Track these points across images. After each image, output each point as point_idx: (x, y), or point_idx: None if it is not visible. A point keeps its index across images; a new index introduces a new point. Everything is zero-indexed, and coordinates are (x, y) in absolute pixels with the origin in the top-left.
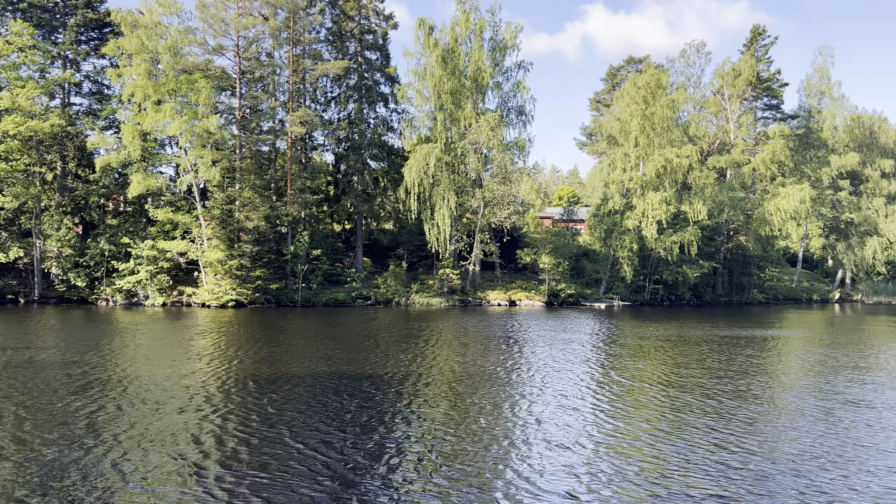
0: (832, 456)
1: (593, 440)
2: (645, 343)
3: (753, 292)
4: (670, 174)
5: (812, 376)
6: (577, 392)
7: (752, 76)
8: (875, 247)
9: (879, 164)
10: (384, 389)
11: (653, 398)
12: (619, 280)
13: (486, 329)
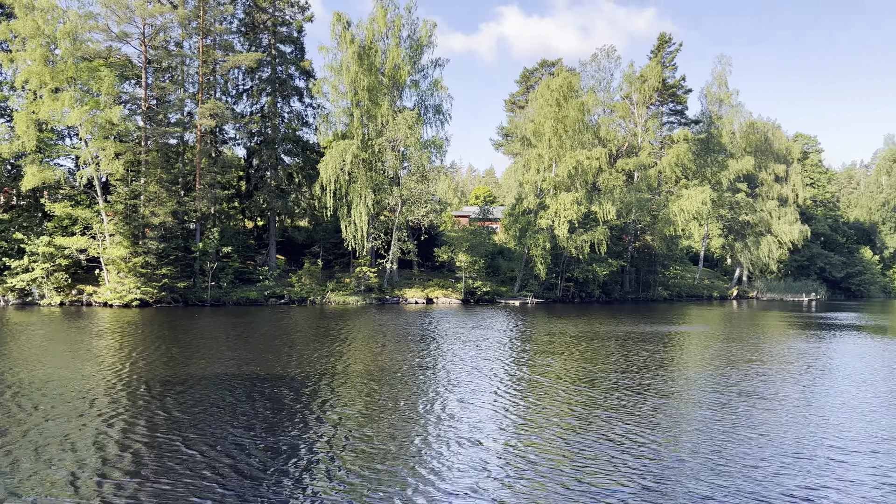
0: (728, 446)
1: (501, 436)
2: (555, 339)
3: (659, 289)
4: (581, 175)
5: (710, 370)
6: (486, 389)
7: (658, 82)
8: (769, 246)
9: (773, 168)
10: (296, 390)
11: (560, 393)
12: (533, 278)
13: (402, 327)
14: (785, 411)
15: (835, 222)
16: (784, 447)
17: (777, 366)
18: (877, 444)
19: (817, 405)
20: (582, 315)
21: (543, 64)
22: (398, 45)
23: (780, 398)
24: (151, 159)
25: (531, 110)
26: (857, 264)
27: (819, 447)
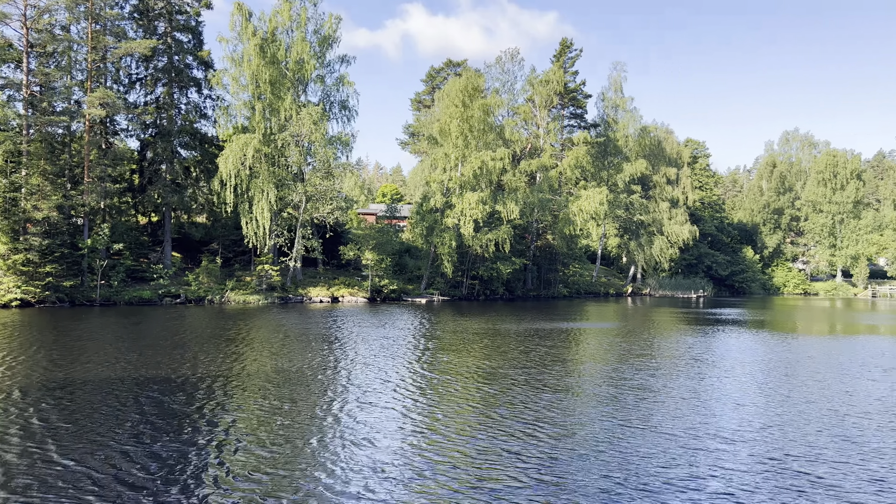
0: (620, 439)
1: (398, 436)
2: (458, 337)
3: (559, 287)
4: (486, 175)
5: (605, 365)
6: (386, 388)
7: (560, 86)
8: (661, 245)
9: (665, 171)
10: (187, 393)
11: (460, 391)
12: (440, 276)
13: (304, 327)
14: (673, 404)
15: (721, 223)
16: (672, 439)
17: (667, 360)
18: (755, 433)
19: (703, 397)
20: (486, 312)
21: (449, 64)
22: (303, 38)
23: (668, 391)
24: (34, 150)
25: (437, 109)
26: (741, 263)
27: (703, 438)
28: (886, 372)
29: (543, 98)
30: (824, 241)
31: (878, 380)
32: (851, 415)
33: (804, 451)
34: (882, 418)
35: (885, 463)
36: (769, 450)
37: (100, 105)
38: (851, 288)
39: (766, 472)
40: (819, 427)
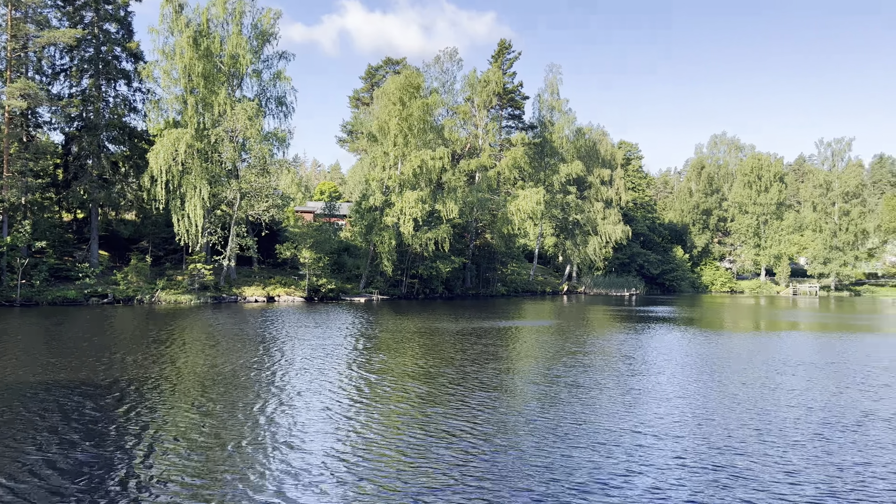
0: (550, 437)
1: (326, 438)
2: (395, 336)
3: (497, 285)
4: (426, 174)
5: (538, 362)
6: (319, 389)
7: (498, 87)
8: (596, 245)
9: (599, 172)
10: (113, 398)
11: (392, 391)
12: (379, 275)
13: (238, 327)
14: (604, 400)
15: (652, 223)
16: (602, 435)
17: (599, 357)
18: (682, 428)
19: (633, 394)
20: (424, 311)
21: (388, 62)
22: (239, 32)
23: (600, 388)
24: None
25: (376, 107)
26: (671, 262)
27: (633, 433)
28: (804, 367)
29: (483, 99)
30: (749, 241)
31: (796, 374)
32: (771, 409)
33: (727, 445)
34: (798, 412)
35: (802, 454)
36: (694, 444)
37: (20, 96)
38: (774, 286)
39: (691, 467)
40: (741, 421)
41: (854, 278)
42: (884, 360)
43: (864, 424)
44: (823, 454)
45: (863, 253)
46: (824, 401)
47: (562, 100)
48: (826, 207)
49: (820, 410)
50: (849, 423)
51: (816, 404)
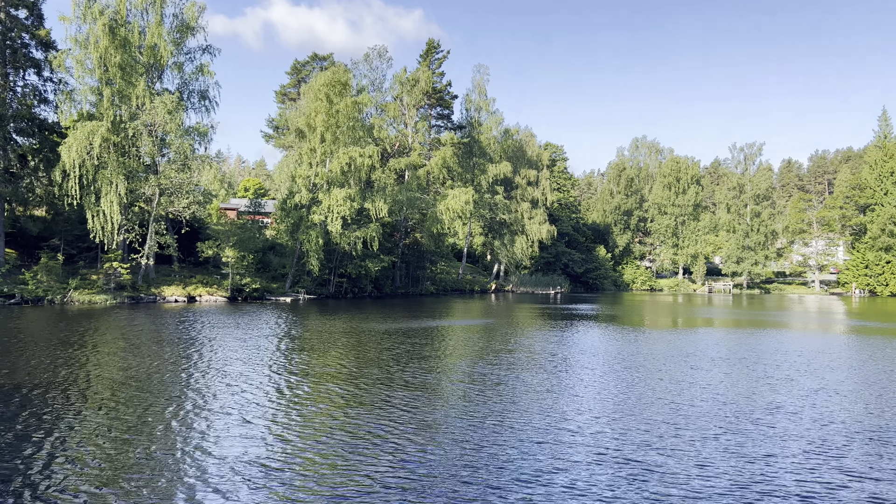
0: (474, 437)
1: (246, 443)
2: (320, 337)
3: (427, 284)
4: (355, 172)
5: (464, 361)
6: (239, 392)
7: (427, 86)
8: (522, 244)
9: (526, 173)
10: (18, 404)
11: (314, 393)
12: (306, 274)
13: (155, 328)
14: (527, 398)
15: (577, 224)
16: (523, 433)
17: (524, 355)
18: (601, 425)
19: (554, 391)
20: (353, 311)
21: (315, 57)
22: (160, 23)
23: (523, 386)
24: None
25: (303, 103)
26: (594, 261)
27: (554, 431)
28: (718, 362)
29: (412, 98)
30: (668, 240)
31: (711, 370)
32: (686, 404)
33: (644, 440)
34: (712, 406)
35: (714, 447)
36: (613, 440)
37: None
38: (691, 284)
39: (609, 462)
40: (659, 416)
41: (764, 277)
42: (792, 356)
43: (772, 417)
44: (734, 446)
45: (772, 252)
46: (736, 395)
47: (489, 100)
48: (739, 209)
49: (732, 404)
50: (758, 416)
51: (729, 398)
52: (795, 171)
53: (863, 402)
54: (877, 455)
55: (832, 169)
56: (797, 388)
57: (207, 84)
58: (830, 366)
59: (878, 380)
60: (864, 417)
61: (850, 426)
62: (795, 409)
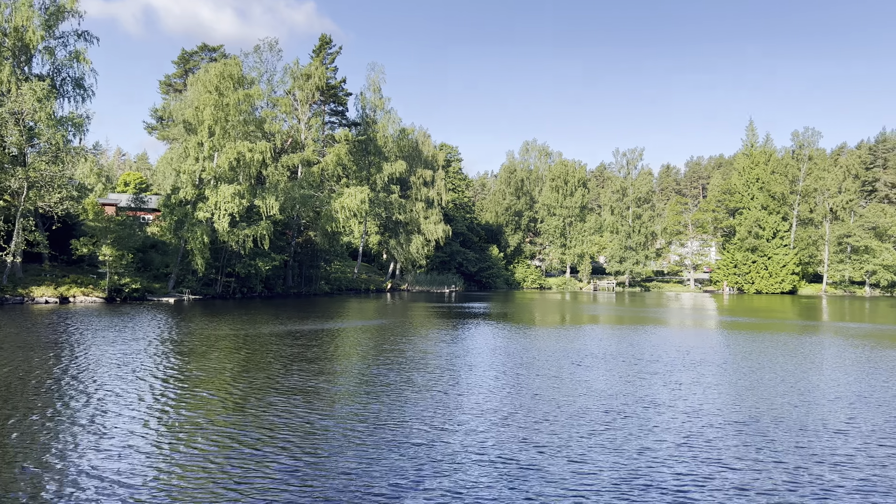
0: (358, 438)
1: (97, 457)
2: (202, 339)
3: (321, 284)
4: (244, 168)
5: (355, 363)
6: (106, 400)
7: (321, 82)
8: (418, 244)
9: (422, 173)
10: None
11: (191, 400)
12: (191, 273)
13: (19, 332)
14: (414, 399)
15: (471, 223)
16: (407, 435)
17: (417, 355)
18: (485, 424)
19: (443, 391)
20: (240, 312)
21: (204, 48)
22: (29, 4)
23: (412, 387)
24: None
25: (190, 95)
26: (488, 260)
27: (437, 432)
28: (599, 359)
29: (305, 92)
30: (556, 241)
31: (593, 367)
32: (566, 401)
33: (523, 438)
34: (591, 402)
35: (591, 444)
36: (492, 439)
37: None
38: (578, 283)
39: (491, 462)
40: (538, 414)
41: (644, 275)
42: (669, 351)
43: (649, 412)
44: (612, 442)
45: (652, 253)
46: (616, 391)
47: (385, 99)
48: (622, 211)
49: (611, 400)
50: (636, 411)
51: (609, 395)
52: (673, 176)
53: (732, 395)
54: (744, 446)
55: (706, 174)
56: (673, 383)
57: (83, 71)
58: (703, 360)
59: (746, 374)
60: (733, 410)
61: (720, 418)
62: (670, 403)
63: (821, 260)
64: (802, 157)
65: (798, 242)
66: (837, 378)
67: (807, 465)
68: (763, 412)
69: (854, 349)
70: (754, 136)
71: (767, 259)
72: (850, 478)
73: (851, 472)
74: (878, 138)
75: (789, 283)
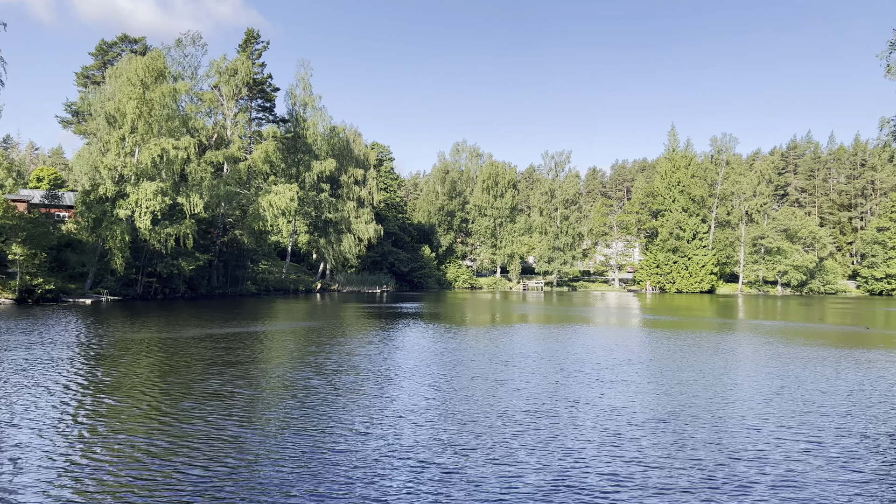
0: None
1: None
2: (117, 343)
3: (248, 284)
4: (167, 164)
5: (276, 367)
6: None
7: (247, 77)
8: (349, 243)
9: (353, 172)
10: None
11: (88, 408)
12: (110, 273)
13: None
14: (336, 405)
15: (403, 223)
16: (326, 442)
17: (344, 357)
18: (407, 429)
19: (366, 396)
20: (161, 314)
21: (125, 39)
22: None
23: (335, 391)
24: None
25: (109, 87)
26: (420, 260)
27: (359, 438)
28: (526, 359)
29: (231, 88)
30: (487, 241)
31: (520, 367)
32: (491, 402)
33: (446, 441)
34: (516, 402)
35: (516, 445)
36: (415, 443)
37: None
38: (508, 282)
39: (408, 468)
40: (463, 416)
41: (572, 275)
42: (595, 349)
43: (573, 411)
44: (537, 443)
45: (579, 253)
46: (542, 391)
47: (314, 96)
48: (550, 213)
49: (536, 400)
50: (561, 411)
51: (534, 395)
52: (599, 179)
53: (654, 394)
54: (665, 444)
55: (630, 177)
56: (597, 382)
57: None
58: (627, 360)
59: (668, 371)
60: (655, 408)
61: (642, 416)
62: (594, 401)
63: (737, 260)
64: (720, 162)
65: (716, 244)
66: (753, 374)
67: (725, 462)
68: (683, 409)
69: (768, 346)
70: (676, 141)
71: (687, 259)
72: (765, 473)
73: (767, 468)
74: (790, 145)
75: (708, 283)
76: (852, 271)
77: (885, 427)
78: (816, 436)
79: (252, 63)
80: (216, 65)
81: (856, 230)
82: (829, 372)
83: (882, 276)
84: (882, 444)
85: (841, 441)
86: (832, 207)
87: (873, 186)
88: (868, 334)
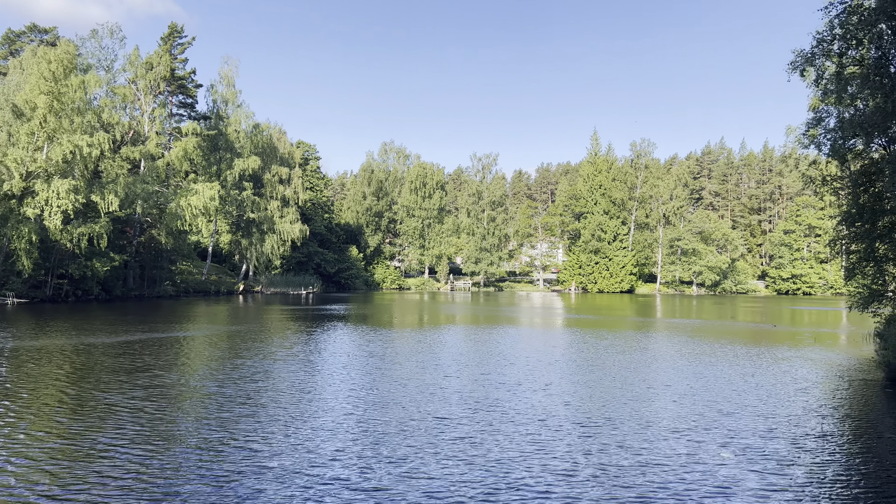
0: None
1: None
2: (15, 352)
3: (166, 285)
4: (80, 161)
5: (193, 376)
6: None
7: (167, 72)
8: (273, 243)
9: (277, 170)
10: None
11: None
12: (16, 275)
13: None
14: (248, 416)
15: (329, 224)
16: (237, 456)
17: (266, 363)
18: (326, 441)
19: (280, 405)
20: (71, 317)
21: (34, 28)
22: None
23: (255, 402)
24: None
25: (15, 79)
26: (347, 261)
27: (271, 452)
28: (455, 362)
29: (148, 82)
30: (416, 242)
31: (448, 369)
32: (413, 408)
33: (373, 454)
34: (438, 406)
35: (442, 455)
36: (333, 457)
37: None
38: (436, 283)
39: (323, 485)
40: (385, 426)
41: (498, 276)
42: (520, 351)
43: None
44: (461, 453)
45: (505, 254)
46: (466, 394)
47: (237, 92)
48: (478, 214)
49: (464, 406)
50: (487, 419)
51: (459, 399)
52: (525, 181)
53: (577, 396)
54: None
55: (554, 180)
56: (520, 384)
57: None
58: (552, 360)
59: (591, 371)
60: (575, 413)
61: (563, 422)
62: (517, 406)
63: (655, 261)
64: (640, 166)
65: (635, 245)
66: (670, 372)
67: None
68: (604, 411)
69: (682, 344)
70: (598, 146)
71: (609, 260)
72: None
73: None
74: (704, 150)
75: (628, 283)
76: (761, 272)
77: (791, 422)
78: (731, 436)
79: (172, 58)
80: (132, 59)
81: (765, 233)
82: (745, 369)
83: (788, 277)
84: (788, 435)
85: (766, 443)
86: (743, 211)
87: (780, 191)
88: (775, 331)
